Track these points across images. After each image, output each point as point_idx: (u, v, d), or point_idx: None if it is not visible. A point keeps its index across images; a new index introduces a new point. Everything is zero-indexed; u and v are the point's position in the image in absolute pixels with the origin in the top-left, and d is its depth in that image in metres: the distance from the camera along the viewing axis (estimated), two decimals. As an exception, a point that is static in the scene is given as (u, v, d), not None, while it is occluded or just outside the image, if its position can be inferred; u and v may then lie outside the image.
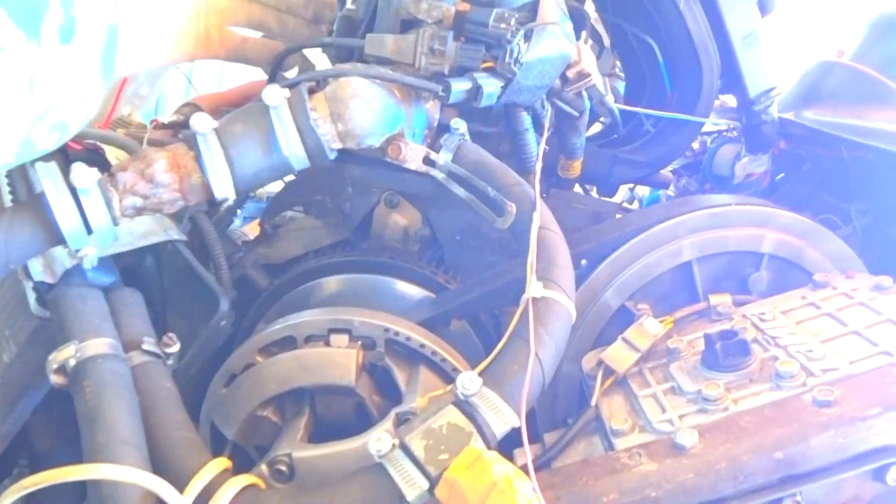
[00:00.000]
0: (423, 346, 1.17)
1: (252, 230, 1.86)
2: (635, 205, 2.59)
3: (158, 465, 0.92)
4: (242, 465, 1.04)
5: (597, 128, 2.02)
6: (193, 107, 1.64)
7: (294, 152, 1.04)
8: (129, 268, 1.27)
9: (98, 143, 1.40)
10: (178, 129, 1.53)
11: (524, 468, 0.85)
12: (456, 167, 1.15)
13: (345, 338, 1.16)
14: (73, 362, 0.98)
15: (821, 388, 0.95)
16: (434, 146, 1.19)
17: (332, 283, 1.36)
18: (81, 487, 1.21)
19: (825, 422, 0.92)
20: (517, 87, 1.20)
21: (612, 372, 1.13)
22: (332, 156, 1.09)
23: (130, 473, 0.84)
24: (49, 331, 1.11)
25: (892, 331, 1.06)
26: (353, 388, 1.12)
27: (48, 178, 0.92)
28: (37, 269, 1.10)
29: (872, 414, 0.92)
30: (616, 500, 0.90)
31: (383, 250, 1.41)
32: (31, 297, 1.14)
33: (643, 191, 2.55)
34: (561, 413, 1.32)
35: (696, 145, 2.40)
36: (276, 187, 1.82)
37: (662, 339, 1.17)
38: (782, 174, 2.00)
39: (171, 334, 1.11)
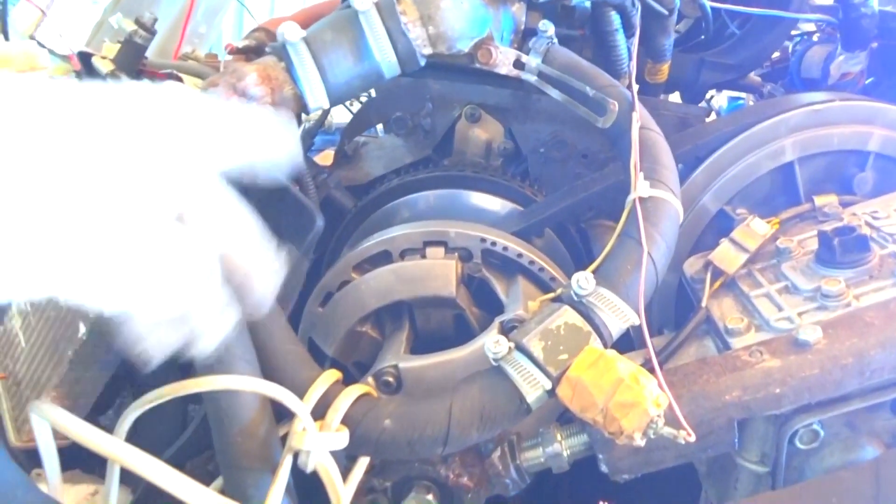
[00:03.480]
0: (520, 255, 1.15)
1: (323, 160, 1.84)
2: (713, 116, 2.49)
3: (271, 378, 0.92)
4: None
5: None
6: (264, 31, 1.60)
7: (386, 58, 1.00)
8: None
9: (176, 72, 1.39)
10: (252, 54, 1.51)
11: (645, 366, 0.83)
12: (548, 69, 1.11)
13: (441, 250, 1.14)
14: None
15: (952, 280, 0.91)
16: (522, 51, 1.14)
17: (418, 200, 1.34)
18: (182, 417, 1.24)
19: (960, 313, 0.87)
20: (607, -18, 1.15)
21: (720, 273, 1.09)
22: (423, 62, 1.05)
23: (251, 382, 0.84)
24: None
25: None
26: (453, 298, 1.10)
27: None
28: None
29: None
30: (739, 398, 0.88)
31: (466, 165, 1.38)
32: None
33: (720, 102, 2.45)
34: (657, 323, 1.28)
35: (776, 53, 2.28)
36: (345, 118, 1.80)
37: (769, 240, 1.13)
38: (872, 78, 1.88)
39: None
